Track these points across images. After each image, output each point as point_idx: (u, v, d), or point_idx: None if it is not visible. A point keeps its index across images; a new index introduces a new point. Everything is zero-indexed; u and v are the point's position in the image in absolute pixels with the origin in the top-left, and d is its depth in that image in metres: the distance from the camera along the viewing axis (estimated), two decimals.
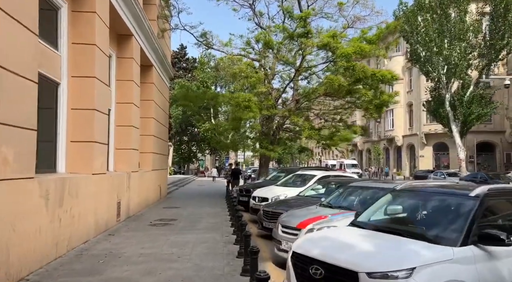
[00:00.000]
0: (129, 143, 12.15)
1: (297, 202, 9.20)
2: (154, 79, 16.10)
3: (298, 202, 9.14)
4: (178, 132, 48.91)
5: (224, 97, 18.11)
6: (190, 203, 16.60)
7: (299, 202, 9.03)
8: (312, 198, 9.34)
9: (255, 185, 14.72)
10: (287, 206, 8.75)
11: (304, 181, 12.22)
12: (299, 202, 9.10)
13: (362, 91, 16.44)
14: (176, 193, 22.90)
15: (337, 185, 9.60)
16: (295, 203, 9.10)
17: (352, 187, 7.61)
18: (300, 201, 9.30)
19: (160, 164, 18.12)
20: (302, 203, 8.83)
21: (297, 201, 9.43)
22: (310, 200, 9.17)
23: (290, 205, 8.87)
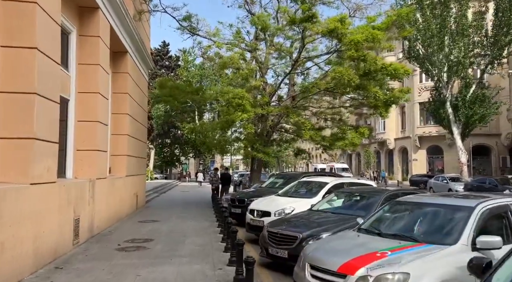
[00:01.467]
0: (94, 143, 9.65)
1: (316, 220, 6.92)
2: (129, 68, 13.62)
3: (317, 220, 6.86)
4: (160, 135, 46.20)
5: (212, 91, 15.69)
6: (172, 214, 14.12)
7: (319, 221, 6.75)
8: (334, 215, 7.07)
9: (250, 194, 12.37)
10: (305, 227, 6.47)
11: (312, 189, 9.95)
12: (319, 220, 6.83)
13: (371, 87, 14.29)
14: (156, 201, 20.33)
15: (366, 197, 7.37)
16: (314, 221, 6.82)
17: (404, 204, 5.30)
18: (319, 218, 7.02)
19: (137, 168, 15.59)
20: (323, 223, 6.55)
21: (313, 218, 7.15)
22: (332, 218, 6.90)
23: (307, 225, 6.60)
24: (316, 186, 9.92)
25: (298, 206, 8.81)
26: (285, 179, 13.44)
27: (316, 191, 9.57)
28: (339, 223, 6.39)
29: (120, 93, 13.36)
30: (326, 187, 9.47)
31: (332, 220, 6.68)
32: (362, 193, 7.77)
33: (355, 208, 7.35)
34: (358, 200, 7.59)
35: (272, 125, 17.29)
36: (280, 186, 12.96)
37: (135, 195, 15.26)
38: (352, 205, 7.53)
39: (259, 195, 11.92)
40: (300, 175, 12.91)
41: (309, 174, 12.87)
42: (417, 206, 5.09)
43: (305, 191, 10.07)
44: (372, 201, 7.15)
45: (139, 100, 15.81)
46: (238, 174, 34.14)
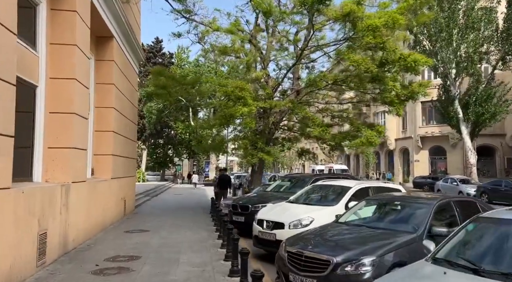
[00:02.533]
0: (70, 139, 7.99)
1: (350, 237, 5.35)
2: (115, 55, 11.95)
3: (352, 237, 5.31)
4: (153, 134, 44.38)
5: (210, 82, 14.02)
6: (164, 221, 12.47)
7: (354, 239, 5.20)
8: (370, 230, 5.48)
9: (254, 200, 10.75)
10: (339, 248, 4.89)
11: (332, 195, 8.37)
12: (354, 237, 5.27)
13: (388, 80, 12.74)
14: (147, 205, 18.62)
15: (409, 207, 5.81)
16: (348, 239, 5.25)
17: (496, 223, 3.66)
18: (352, 234, 5.45)
19: (125, 170, 13.91)
20: (361, 241, 4.99)
21: (344, 233, 5.57)
22: (369, 233, 5.32)
23: (341, 245, 5.02)
24: (336, 191, 8.33)
25: (317, 216, 7.22)
26: (292, 182, 11.86)
27: (337, 198, 7.97)
28: (382, 242, 4.82)
29: (105, 84, 11.70)
30: (349, 193, 7.88)
31: (371, 237, 5.11)
32: (403, 201, 6.18)
33: (396, 220, 5.78)
34: (397, 210, 6.01)
35: (275, 122, 15.68)
36: (287, 190, 11.38)
37: (122, 200, 13.57)
38: (391, 217, 5.95)
39: (265, 200, 10.32)
40: (310, 177, 11.32)
41: (320, 176, 11.29)
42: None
43: (322, 197, 8.47)
44: (420, 213, 5.58)
45: (127, 93, 14.14)
46: (235, 176, 32.49)
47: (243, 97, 12.03)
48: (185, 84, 14.74)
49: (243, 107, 11.82)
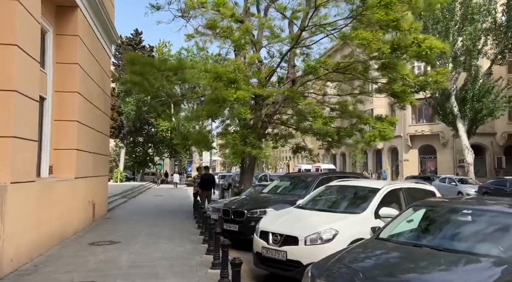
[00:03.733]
0: (6, 125, 5.96)
1: (413, 267, 3.53)
2: (80, 30, 9.87)
3: (425, 269, 3.47)
4: (132, 132, 41.90)
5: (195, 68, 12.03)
6: (140, 229, 10.46)
7: (421, 268, 3.38)
8: (446, 255, 3.69)
9: (250, 203, 8.86)
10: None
11: (353, 199, 6.57)
12: (419, 267, 3.45)
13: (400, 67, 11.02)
14: (123, 209, 16.49)
15: (483, 219, 4.07)
16: (410, 269, 3.43)
17: None
18: (419, 262, 3.63)
19: (94, 168, 11.84)
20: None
21: (404, 261, 3.75)
22: (449, 262, 3.53)
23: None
24: (359, 194, 6.53)
25: (342, 228, 5.42)
26: (293, 182, 10.04)
27: (362, 202, 6.17)
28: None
29: (67, 63, 9.62)
30: (377, 196, 6.09)
31: (455, 270, 3.33)
32: (479, 209, 4.43)
33: (478, 238, 4.00)
34: (471, 223, 4.25)
35: (268, 114, 13.83)
36: (287, 192, 9.55)
37: (91, 203, 11.49)
38: (464, 233, 4.17)
39: (263, 205, 8.50)
40: (315, 177, 9.49)
41: (328, 175, 9.50)
42: None
43: (342, 201, 6.65)
44: (507, 227, 3.84)
45: (98, 79, 12.05)
46: (219, 176, 30.48)
47: (236, 80, 10.15)
48: (165, 71, 12.74)
49: (236, 91, 9.94)
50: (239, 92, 9.96)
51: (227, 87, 10.17)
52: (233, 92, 9.97)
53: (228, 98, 9.94)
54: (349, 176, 10.04)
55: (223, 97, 9.93)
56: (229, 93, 9.92)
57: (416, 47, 11.05)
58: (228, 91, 9.96)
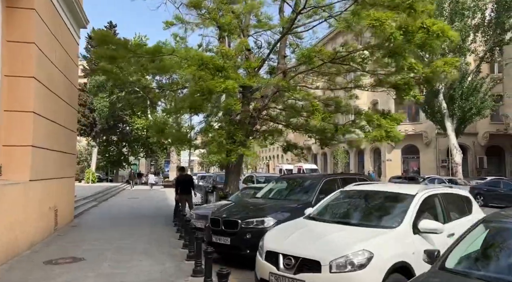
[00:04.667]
0: None
1: None
2: (36, 2, 8.20)
3: None
4: (105, 130, 39.64)
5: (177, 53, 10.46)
6: (110, 240, 8.88)
7: None
8: None
9: (242, 210, 7.44)
10: None
11: (381, 209, 5.26)
12: None
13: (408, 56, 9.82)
14: (93, 214, 14.75)
15: None
16: None
17: None
18: None
19: (57, 168, 10.15)
20: None
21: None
22: None
23: None
24: (388, 201, 5.23)
25: (377, 248, 4.10)
26: (291, 185, 8.66)
27: (395, 213, 4.87)
28: None
29: (20, 42, 7.95)
30: (414, 205, 4.80)
31: None
32: None
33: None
34: None
35: (257, 109, 12.43)
36: (285, 197, 8.19)
37: (52, 210, 9.80)
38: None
39: (260, 213, 7.10)
40: (316, 178, 8.16)
41: (331, 177, 8.18)
42: None
43: (365, 211, 5.33)
44: None
45: (62, 65, 10.38)
46: (198, 176, 28.81)
47: (223, 68, 8.72)
48: (141, 56, 11.15)
49: (224, 81, 8.49)
50: (228, 82, 8.52)
51: (214, 77, 8.71)
52: (221, 82, 8.51)
53: (215, 89, 8.47)
54: (354, 177, 8.78)
55: (209, 88, 8.44)
56: (216, 83, 8.46)
57: (423, 33, 9.87)
58: (215, 81, 8.49)
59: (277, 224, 6.72)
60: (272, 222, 6.73)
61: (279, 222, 6.76)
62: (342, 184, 8.16)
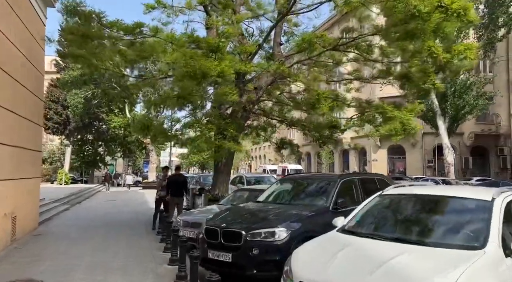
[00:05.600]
0: None
1: None
2: None
3: None
4: (79, 128, 37.38)
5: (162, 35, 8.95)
6: (80, 254, 7.32)
7: None
8: None
9: (247, 218, 6.02)
10: None
11: (448, 221, 3.95)
12: None
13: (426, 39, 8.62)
14: (62, 219, 13.02)
15: None
16: None
17: None
18: None
19: (14, 167, 8.50)
20: None
21: None
22: None
23: None
24: (454, 210, 3.93)
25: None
26: (298, 188, 7.26)
27: (473, 227, 3.57)
28: None
29: None
30: (496, 215, 3.51)
31: None
32: None
33: None
34: None
35: (251, 101, 11.02)
36: (291, 201, 6.82)
37: (8, 217, 8.14)
38: None
39: (268, 222, 5.71)
40: (330, 179, 6.83)
41: (347, 177, 6.85)
42: None
43: (426, 224, 3.98)
44: None
45: (22, 45, 8.74)
46: None
47: (219, 48, 7.31)
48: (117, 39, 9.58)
49: (219, 63, 7.07)
50: (224, 63, 7.10)
51: (209, 58, 7.28)
52: (216, 64, 7.09)
53: (210, 72, 7.02)
54: (373, 177, 7.53)
55: (203, 70, 6.98)
56: (211, 65, 7.03)
57: (440, 14, 8.69)
58: (209, 62, 7.05)
59: (291, 236, 5.38)
60: (285, 234, 5.38)
61: (293, 234, 5.42)
62: (361, 186, 6.90)
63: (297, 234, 5.44)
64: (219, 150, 10.00)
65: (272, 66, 8.94)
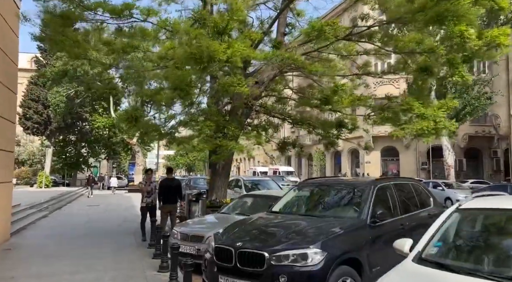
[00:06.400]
0: None
1: None
2: None
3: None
4: (61, 128, 35.58)
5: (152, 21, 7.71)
6: (56, 279, 6.02)
7: None
8: None
9: (269, 235, 4.82)
10: None
11: None
12: None
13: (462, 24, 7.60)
14: (39, 228, 11.59)
15: None
16: None
17: None
18: None
19: None
20: None
21: None
22: None
23: None
24: None
25: None
26: (321, 194, 6.05)
27: None
28: None
29: None
30: None
31: None
32: None
33: None
34: None
35: (253, 95, 9.81)
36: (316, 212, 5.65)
37: None
38: None
39: (297, 240, 4.53)
40: (362, 185, 5.67)
41: (382, 182, 5.72)
42: None
43: None
44: None
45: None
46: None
47: (226, 29, 6.13)
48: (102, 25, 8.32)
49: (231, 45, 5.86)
50: (235, 47, 5.88)
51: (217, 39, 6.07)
52: (225, 47, 5.89)
53: (217, 55, 5.80)
54: (407, 182, 6.43)
55: (209, 53, 5.75)
56: (219, 47, 5.82)
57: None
58: (218, 44, 5.84)
59: (327, 260, 4.22)
60: (320, 257, 4.21)
61: (330, 256, 4.26)
62: (396, 192, 5.79)
63: (334, 256, 4.29)
64: (221, 149, 8.80)
65: (284, 54, 7.79)
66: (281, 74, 10.15)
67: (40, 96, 34.28)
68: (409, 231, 5.39)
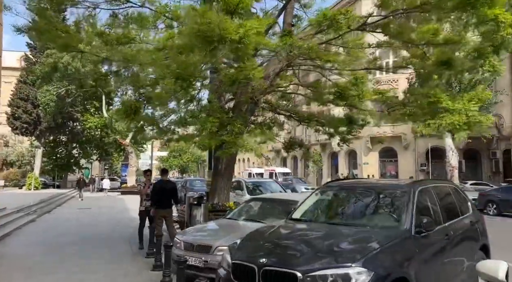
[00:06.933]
0: None
1: None
2: None
3: None
4: (51, 129, 34.44)
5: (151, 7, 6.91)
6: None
7: None
8: None
9: (300, 250, 3.99)
10: None
11: None
12: None
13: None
14: (24, 235, 10.65)
15: None
16: None
17: None
18: None
19: None
20: None
21: None
22: None
23: None
24: None
25: None
26: (349, 198, 5.21)
27: None
28: None
29: None
30: None
31: None
32: None
33: None
34: None
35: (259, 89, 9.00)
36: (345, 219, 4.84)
37: None
38: None
39: (334, 255, 3.73)
40: (400, 188, 4.84)
41: (421, 185, 4.94)
42: None
43: None
44: None
45: None
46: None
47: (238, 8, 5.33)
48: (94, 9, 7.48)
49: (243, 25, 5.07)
50: (249, 26, 5.08)
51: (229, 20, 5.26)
52: (238, 26, 5.10)
53: (228, 33, 4.99)
54: (445, 185, 5.67)
55: (220, 32, 4.93)
56: (231, 26, 5.02)
57: None
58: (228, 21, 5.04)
59: (375, 281, 3.42)
60: (366, 278, 3.42)
61: (377, 277, 3.46)
62: (437, 196, 5.02)
63: (381, 276, 3.49)
64: (228, 145, 8.02)
65: (297, 43, 7.01)
66: (287, 67, 9.37)
67: (30, 95, 33.17)
68: (455, 242, 4.64)
